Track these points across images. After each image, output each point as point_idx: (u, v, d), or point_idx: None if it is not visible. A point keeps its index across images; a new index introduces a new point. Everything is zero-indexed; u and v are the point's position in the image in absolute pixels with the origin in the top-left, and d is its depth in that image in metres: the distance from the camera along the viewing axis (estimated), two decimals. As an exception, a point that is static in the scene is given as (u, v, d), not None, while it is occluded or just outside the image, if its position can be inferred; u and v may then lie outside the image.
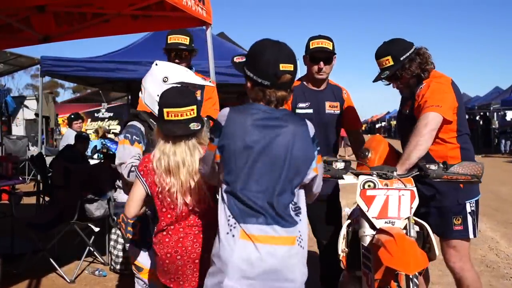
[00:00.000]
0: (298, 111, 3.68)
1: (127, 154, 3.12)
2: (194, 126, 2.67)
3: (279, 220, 2.20)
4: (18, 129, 15.20)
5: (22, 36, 5.67)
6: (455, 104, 3.18)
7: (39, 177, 6.79)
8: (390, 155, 3.24)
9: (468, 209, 3.23)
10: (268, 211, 2.19)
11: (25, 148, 12.65)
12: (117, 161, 3.15)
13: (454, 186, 3.10)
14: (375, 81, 3.31)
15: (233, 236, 2.19)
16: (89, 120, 15.32)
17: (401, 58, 3.18)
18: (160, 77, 3.17)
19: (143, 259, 3.22)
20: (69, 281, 4.96)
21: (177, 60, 4.01)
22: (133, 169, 3.04)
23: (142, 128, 3.23)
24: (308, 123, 2.33)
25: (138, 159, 3.06)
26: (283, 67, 2.22)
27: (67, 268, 5.33)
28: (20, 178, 6.61)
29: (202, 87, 4.03)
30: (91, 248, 5.10)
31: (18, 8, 5.14)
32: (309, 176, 2.29)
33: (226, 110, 2.25)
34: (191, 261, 2.66)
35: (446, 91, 3.17)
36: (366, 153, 3.23)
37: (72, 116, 8.86)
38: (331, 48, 3.63)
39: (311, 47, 3.64)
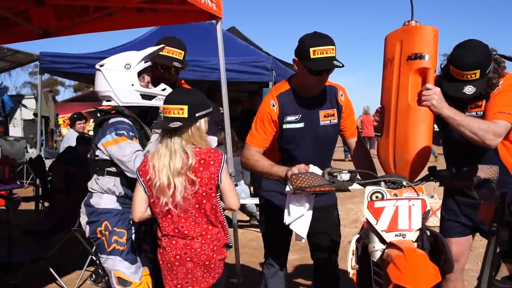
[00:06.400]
0: (286, 126, 3.26)
1: (133, 147, 3.07)
2: (174, 124, 2.67)
3: None
4: (15, 130, 15.28)
5: (20, 30, 5.71)
6: None
7: (38, 181, 6.82)
8: None
9: None
10: None
11: (23, 150, 12.71)
12: (123, 158, 3.04)
13: None
14: (462, 97, 3.05)
15: None
16: (92, 120, 15.34)
17: (487, 71, 3.04)
18: (121, 67, 3.17)
19: (131, 272, 3.16)
20: (69, 291, 4.99)
21: (165, 76, 3.79)
22: None
23: (131, 123, 3.19)
24: None
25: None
26: None
27: (68, 278, 5.36)
28: (18, 182, 6.68)
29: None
30: (93, 256, 5.11)
31: (16, 0, 5.17)
32: None
33: None
34: (201, 263, 2.76)
35: None
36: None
37: (75, 116, 8.91)
38: (335, 54, 3.16)
39: (312, 56, 3.08)
